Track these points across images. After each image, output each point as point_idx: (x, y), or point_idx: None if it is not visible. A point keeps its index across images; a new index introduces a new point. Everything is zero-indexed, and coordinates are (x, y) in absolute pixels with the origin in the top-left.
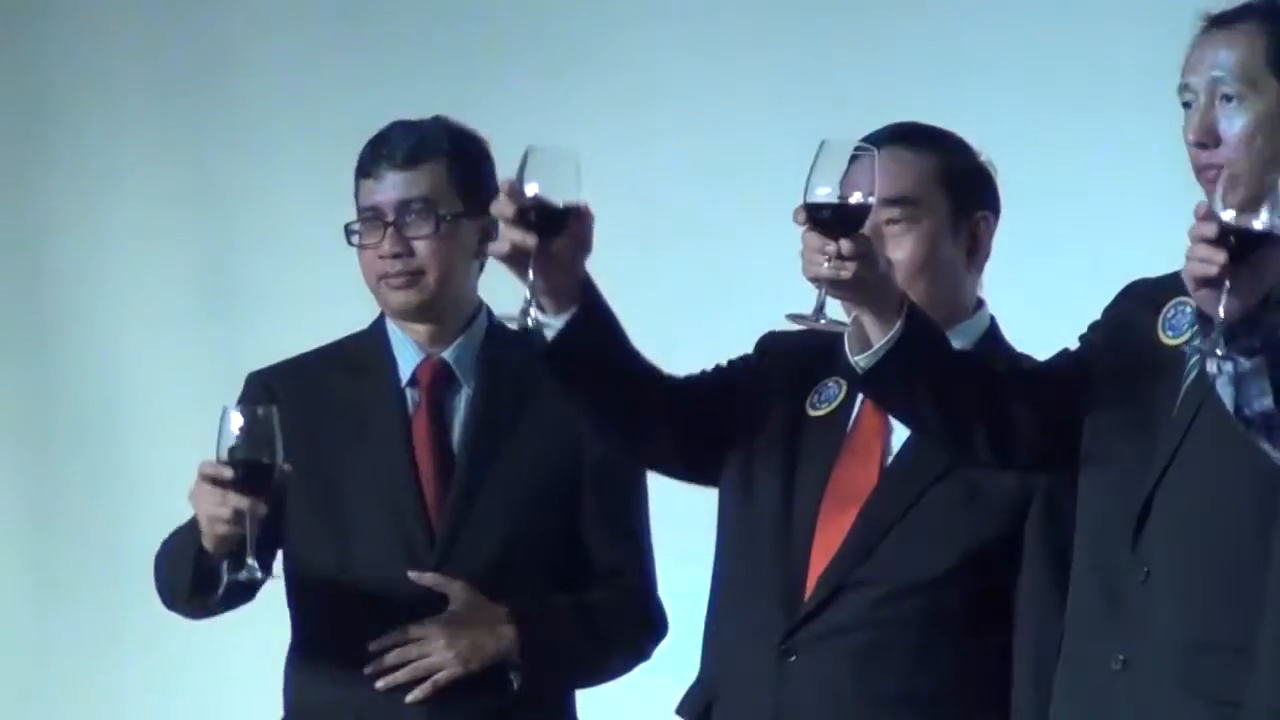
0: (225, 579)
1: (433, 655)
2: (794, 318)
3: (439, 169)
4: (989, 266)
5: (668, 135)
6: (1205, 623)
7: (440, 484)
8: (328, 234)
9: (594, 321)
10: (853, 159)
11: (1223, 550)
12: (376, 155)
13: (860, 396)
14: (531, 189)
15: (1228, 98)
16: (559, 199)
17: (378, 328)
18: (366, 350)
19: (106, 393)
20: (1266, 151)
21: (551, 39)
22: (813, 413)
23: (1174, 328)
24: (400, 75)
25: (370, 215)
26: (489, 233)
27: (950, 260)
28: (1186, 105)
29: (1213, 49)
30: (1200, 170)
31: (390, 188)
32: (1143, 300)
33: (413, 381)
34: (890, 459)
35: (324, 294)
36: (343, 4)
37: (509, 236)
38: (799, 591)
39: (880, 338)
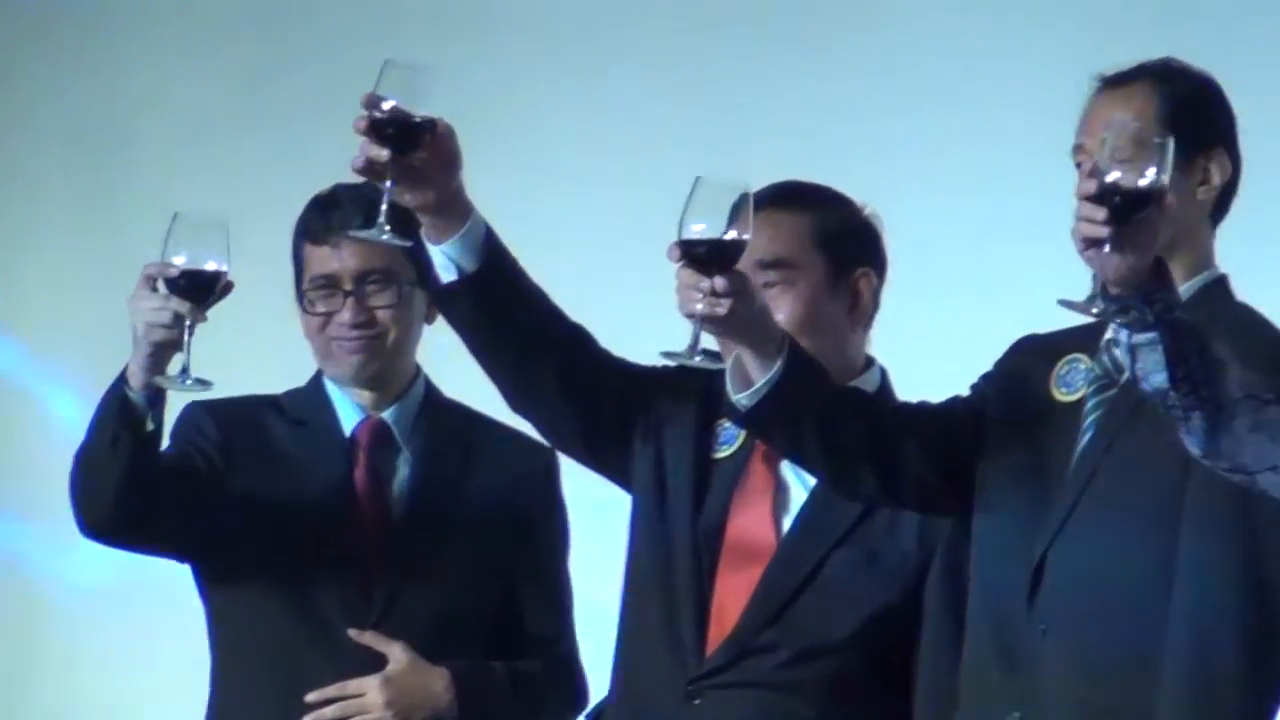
0: (157, 385)
1: (371, 712)
2: (669, 355)
3: None
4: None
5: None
6: (1103, 683)
7: (380, 544)
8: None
9: (489, 259)
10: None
11: (1120, 610)
12: (329, 222)
13: (754, 444)
14: (388, 104)
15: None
16: (417, 113)
17: (316, 384)
18: (306, 404)
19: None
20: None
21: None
22: (715, 455)
23: (1068, 384)
24: (302, 136)
25: (326, 283)
26: None
27: (832, 319)
28: (1079, 166)
29: (1107, 109)
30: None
31: (350, 256)
32: (1036, 355)
33: (352, 440)
34: (785, 516)
35: (237, 354)
36: (249, 64)
37: (365, 150)
38: (700, 646)
39: (761, 376)
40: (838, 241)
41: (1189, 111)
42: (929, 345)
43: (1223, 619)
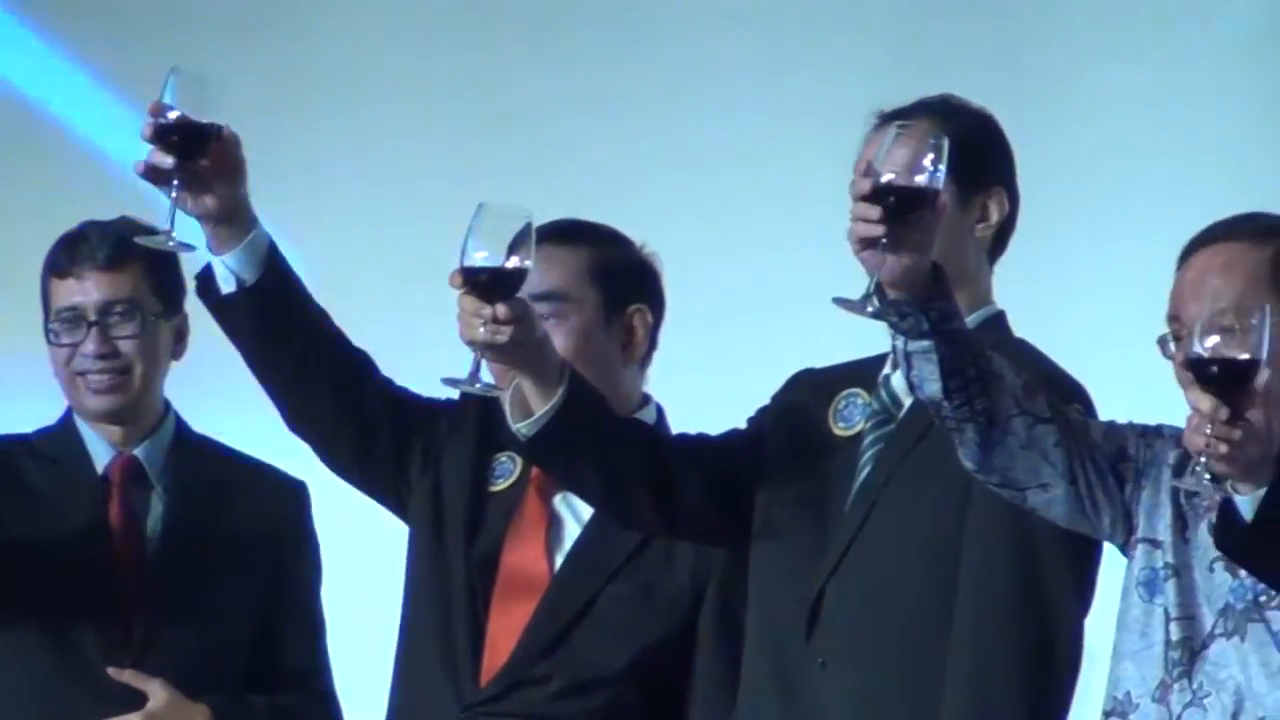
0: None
1: None
2: (449, 382)
3: (139, 270)
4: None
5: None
6: (881, 717)
7: (137, 581)
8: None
9: (270, 272)
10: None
11: (899, 642)
12: (75, 255)
13: (529, 478)
14: (174, 112)
15: None
16: (203, 120)
17: (67, 422)
18: (58, 443)
19: None
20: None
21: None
22: (491, 487)
23: (846, 419)
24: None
25: (70, 315)
26: (183, 333)
27: (604, 354)
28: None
29: (908, 132)
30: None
31: (94, 288)
32: (813, 390)
33: (105, 477)
34: (559, 550)
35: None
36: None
37: (150, 156)
38: (475, 675)
39: (541, 405)
40: (612, 278)
41: (968, 149)
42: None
43: (1002, 645)
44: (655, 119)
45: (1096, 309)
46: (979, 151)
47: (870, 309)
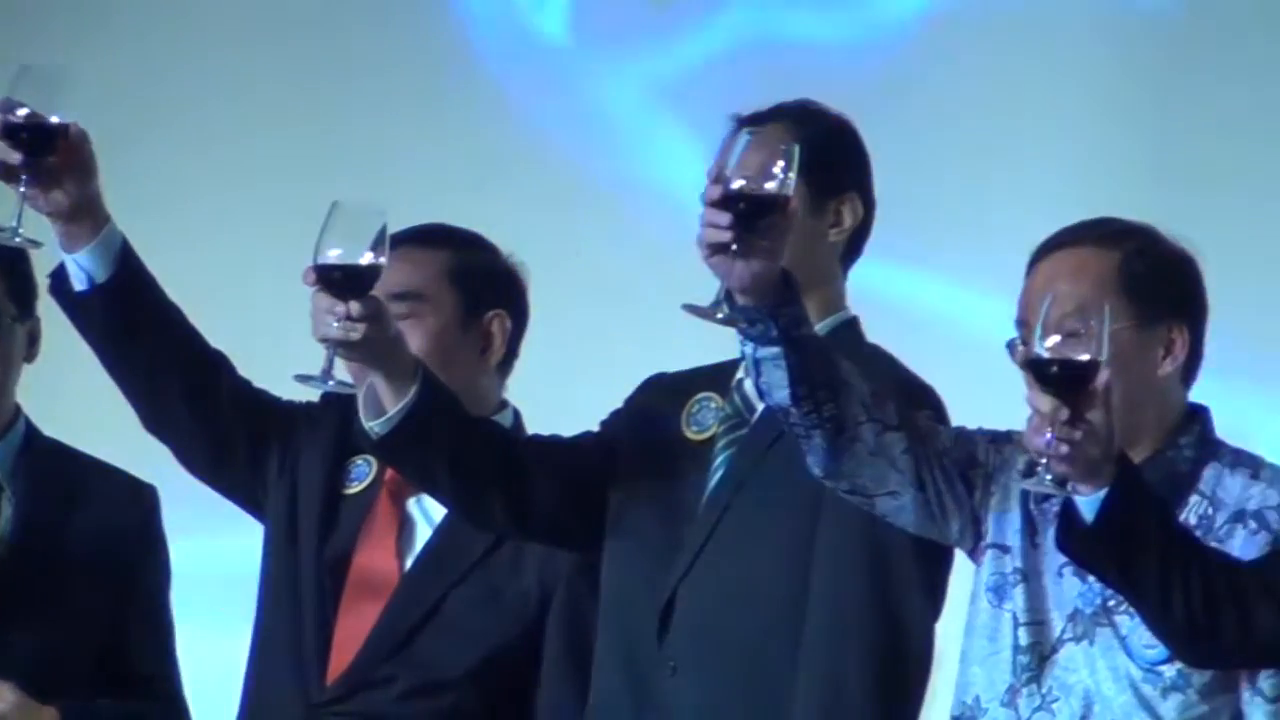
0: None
1: None
2: (302, 379)
3: None
4: None
5: None
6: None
7: None
8: None
9: (123, 270)
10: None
11: (750, 646)
12: None
13: (383, 480)
14: (22, 110)
15: None
16: (51, 118)
17: None
18: None
19: None
20: (789, 255)
21: None
22: (346, 490)
23: (699, 423)
24: None
25: None
26: (35, 336)
27: (461, 356)
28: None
29: (760, 138)
30: None
31: None
32: (666, 393)
33: None
34: (409, 552)
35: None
36: None
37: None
38: (322, 675)
39: (394, 403)
40: (472, 281)
41: (824, 154)
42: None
43: (853, 648)
44: (495, 116)
45: (945, 314)
46: (834, 157)
47: (720, 315)
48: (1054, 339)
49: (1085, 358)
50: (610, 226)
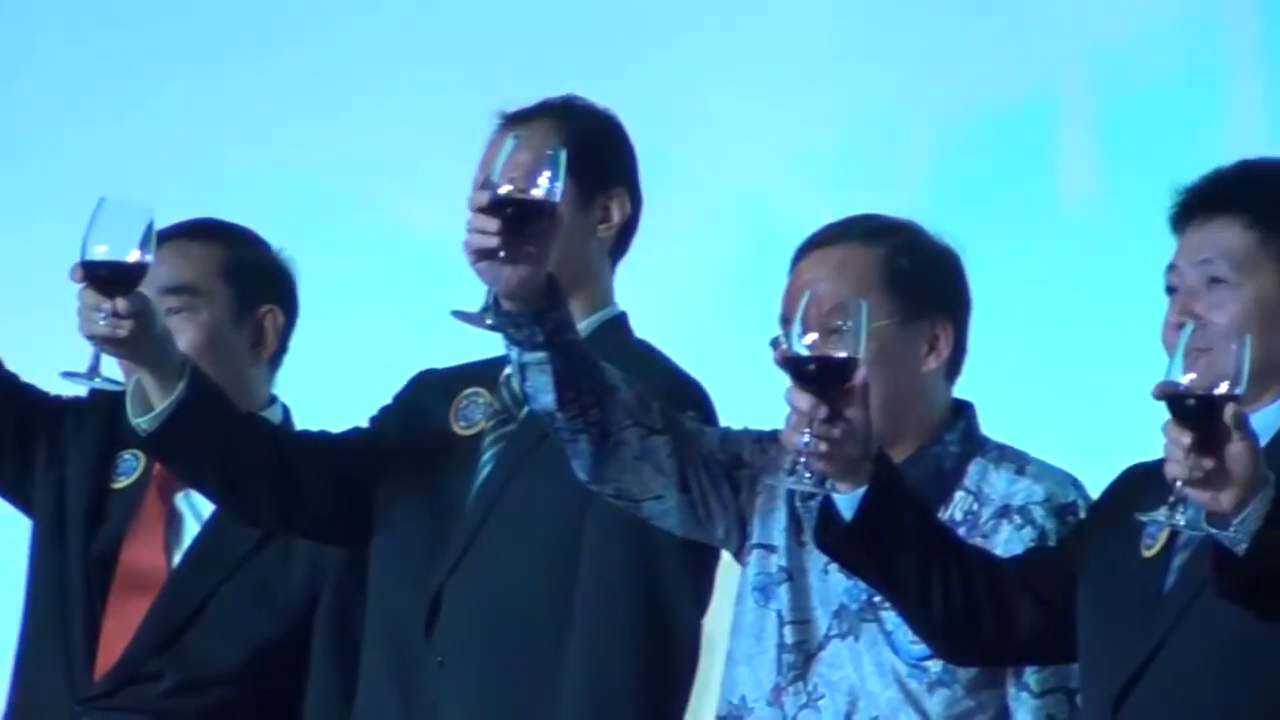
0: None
1: None
2: (68, 376)
3: None
4: None
5: None
6: (499, 716)
7: None
8: None
9: None
10: None
11: (518, 641)
12: None
13: (152, 475)
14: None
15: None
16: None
17: None
18: None
19: None
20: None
21: None
22: (114, 484)
23: (466, 418)
24: None
25: None
26: None
27: (233, 351)
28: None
29: (501, 146)
30: None
31: None
32: (435, 389)
33: None
34: (177, 548)
35: None
36: None
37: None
38: (90, 670)
39: (161, 400)
40: (245, 276)
41: (590, 150)
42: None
43: (620, 644)
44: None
45: (713, 310)
46: (601, 152)
47: (489, 321)
48: (812, 336)
49: (843, 355)
50: None
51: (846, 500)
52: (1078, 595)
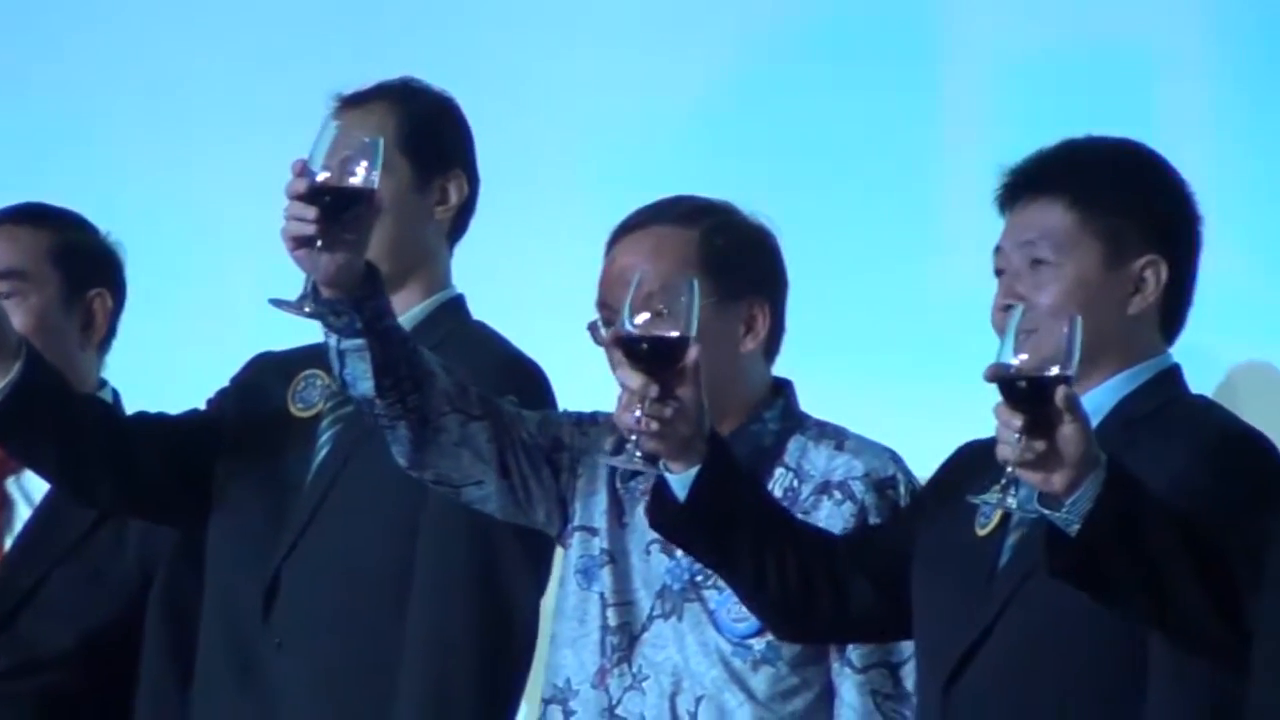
0: None
1: None
2: None
3: None
4: None
5: None
6: (340, 697)
7: None
8: None
9: None
10: None
11: (357, 623)
12: None
13: None
14: None
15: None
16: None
17: None
18: None
19: None
20: (394, 233)
21: None
22: None
23: (304, 400)
24: None
25: None
26: None
27: (63, 335)
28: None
29: (346, 127)
30: None
31: None
32: (272, 370)
33: None
34: (9, 533)
35: None
36: None
37: None
38: None
39: None
40: (74, 261)
41: (427, 132)
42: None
43: (458, 624)
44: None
45: (547, 294)
46: (438, 134)
47: (307, 309)
48: (643, 316)
49: (675, 334)
50: None
51: (679, 480)
52: (912, 573)
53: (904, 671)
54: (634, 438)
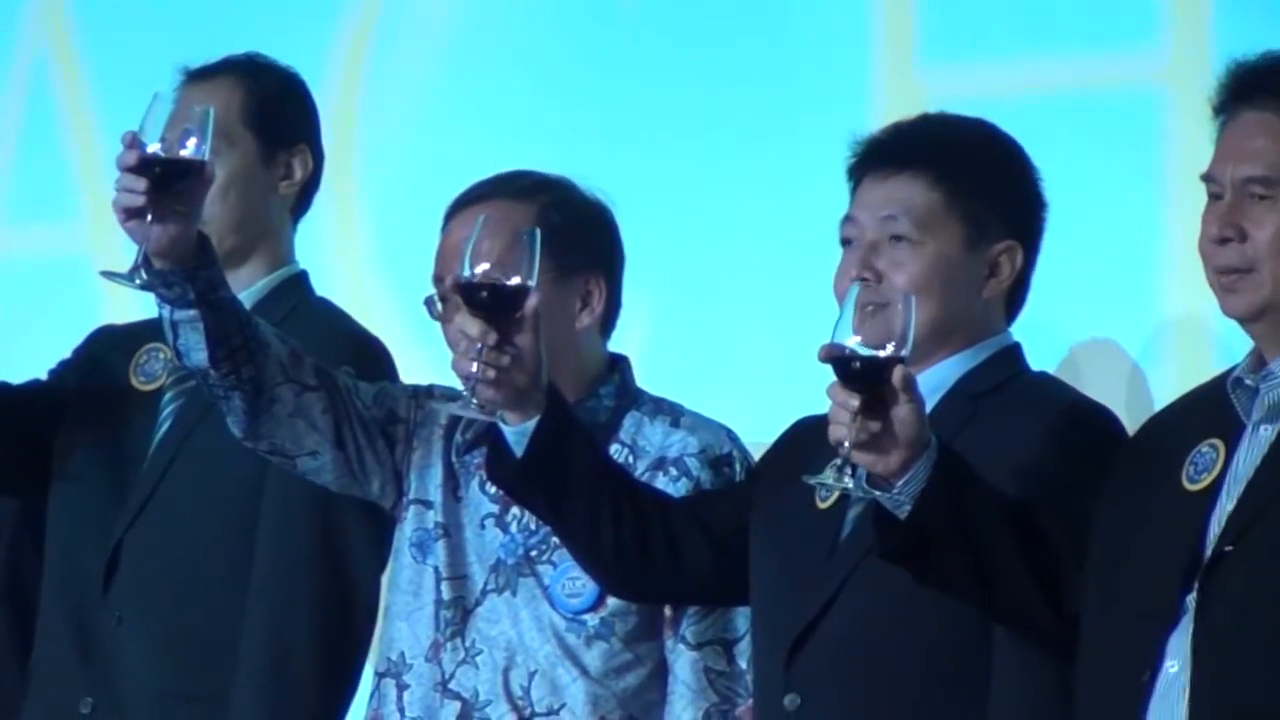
0: None
1: None
2: None
3: None
4: None
5: None
6: (182, 670)
7: None
8: None
9: None
10: None
11: (198, 596)
12: None
13: None
14: None
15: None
16: None
17: None
18: None
19: None
20: (239, 207)
21: None
22: None
23: (146, 373)
24: None
25: None
26: None
27: None
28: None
29: (187, 102)
30: None
31: None
32: (114, 344)
33: None
34: None
35: None
36: None
37: None
38: None
39: None
40: None
41: (272, 107)
42: None
43: (300, 596)
44: None
45: (386, 271)
46: (283, 109)
47: (139, 281)
48: (483, 265)
49: (515, 282)
50: None
51: (515, 434)
52: (751, 545)
53: (738, 649)
54: (472, 385)
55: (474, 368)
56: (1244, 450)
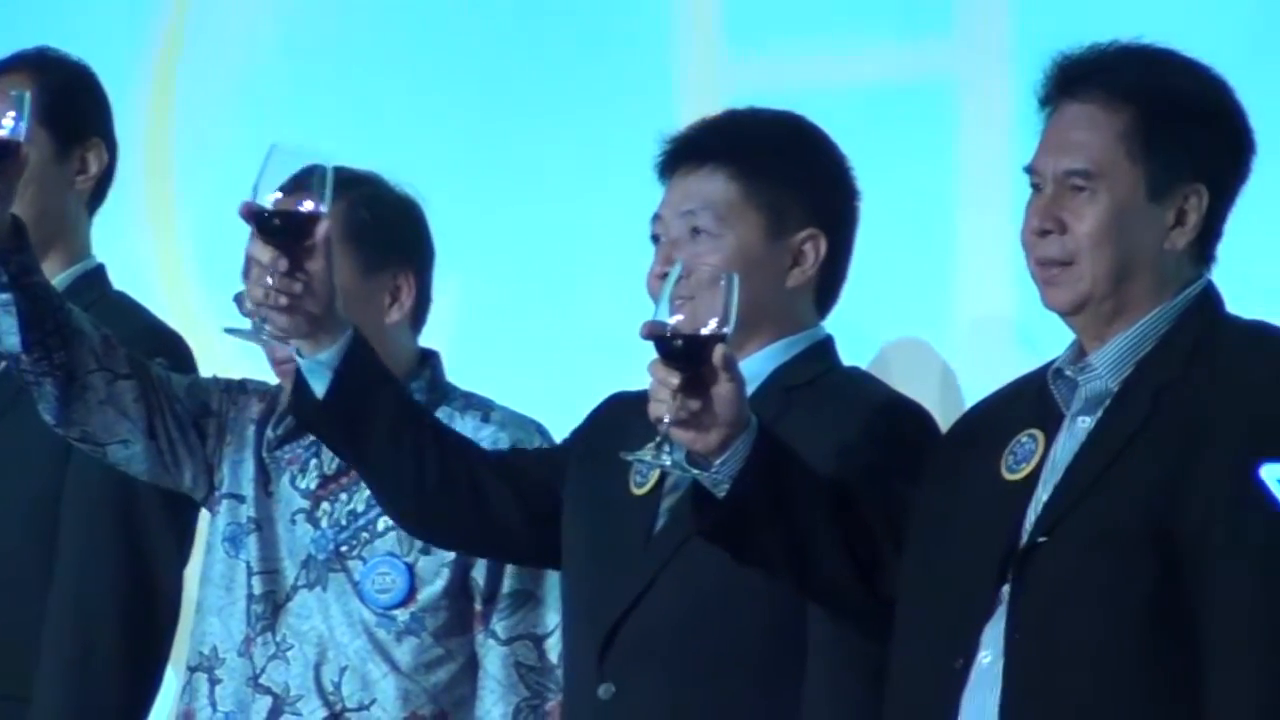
0: None
1: None
2: None
3: None
4: None
5: None
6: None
7: None
8: None
9: None
10: None
11: (0, 592)
12: None
13: None
14: None
15: None
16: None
17: None
18: None
19: None
20: (36, 203)
21: None
22: None
23: None
24: None
25: None
26: None
27: None
28: None
29: None
30: None
31: None
32: None
33: None
34: None
35: None
36: None
37: None
38: None
39: None
40: None
41: (65, 101)
42: None
43: (102, 598)
44: None
45: (203, 272)
46: (76, 104)
47: None
48: (277, 195)
49: (309, 209)
50: None
51: (314, 371)
52: (563, 519)
53: (548, 644)
54: (263, 313)
55: (265, 294)
56: (1062, 441)
